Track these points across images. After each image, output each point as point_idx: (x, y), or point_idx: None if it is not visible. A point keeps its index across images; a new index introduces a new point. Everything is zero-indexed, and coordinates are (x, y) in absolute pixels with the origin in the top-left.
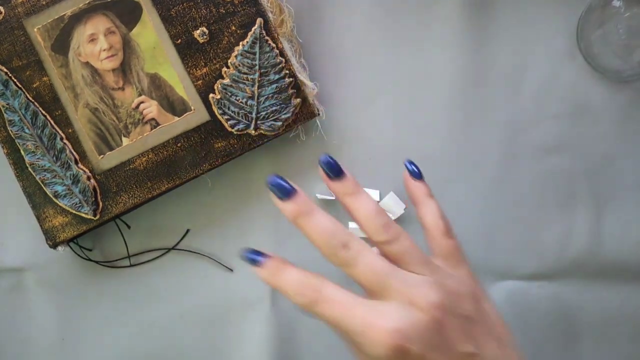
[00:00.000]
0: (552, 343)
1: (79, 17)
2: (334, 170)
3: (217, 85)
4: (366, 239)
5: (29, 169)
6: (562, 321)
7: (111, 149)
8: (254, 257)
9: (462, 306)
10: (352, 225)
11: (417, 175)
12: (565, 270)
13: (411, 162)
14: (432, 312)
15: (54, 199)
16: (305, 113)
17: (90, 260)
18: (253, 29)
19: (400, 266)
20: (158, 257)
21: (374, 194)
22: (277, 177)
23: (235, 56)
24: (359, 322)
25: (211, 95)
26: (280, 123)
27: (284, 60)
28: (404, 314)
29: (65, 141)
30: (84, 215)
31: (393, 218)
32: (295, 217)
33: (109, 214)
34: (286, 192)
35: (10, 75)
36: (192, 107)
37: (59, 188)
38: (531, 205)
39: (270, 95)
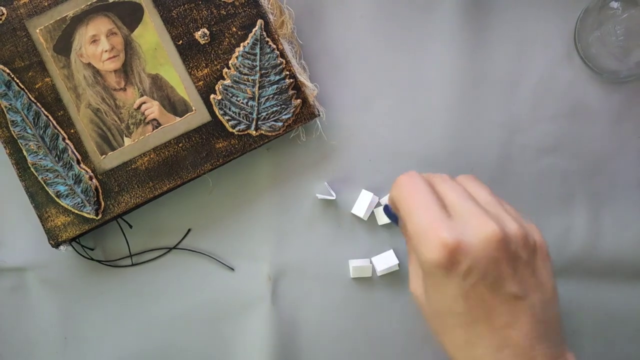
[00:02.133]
0: None
1: (80, 19)
2: None
3: (218, 86)
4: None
5: (31, 169)
6: (561, 320)
7: (113, 149)
8: None
9: (522, 251)
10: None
11: None
12: (563, 269)
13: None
14: (495, 248)
15: (56, 198)
16: (306, 114)
17: (92, 259)
18: (254, 30)
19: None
20: (160, 256)
21: (368, 196)
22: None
23: (236, 57)
24: (427, 222)
25: (212, 96)
26: (280, 124)
27: (284, 61)
28: (471, 234)
29: (67, 141)
30: (86, 215)
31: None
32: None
33: (111, 214)
34: None
35: (12, 76)
36: (194, 108)
37: (61, 188)
38: (529, 205)
39: (270, 96)
